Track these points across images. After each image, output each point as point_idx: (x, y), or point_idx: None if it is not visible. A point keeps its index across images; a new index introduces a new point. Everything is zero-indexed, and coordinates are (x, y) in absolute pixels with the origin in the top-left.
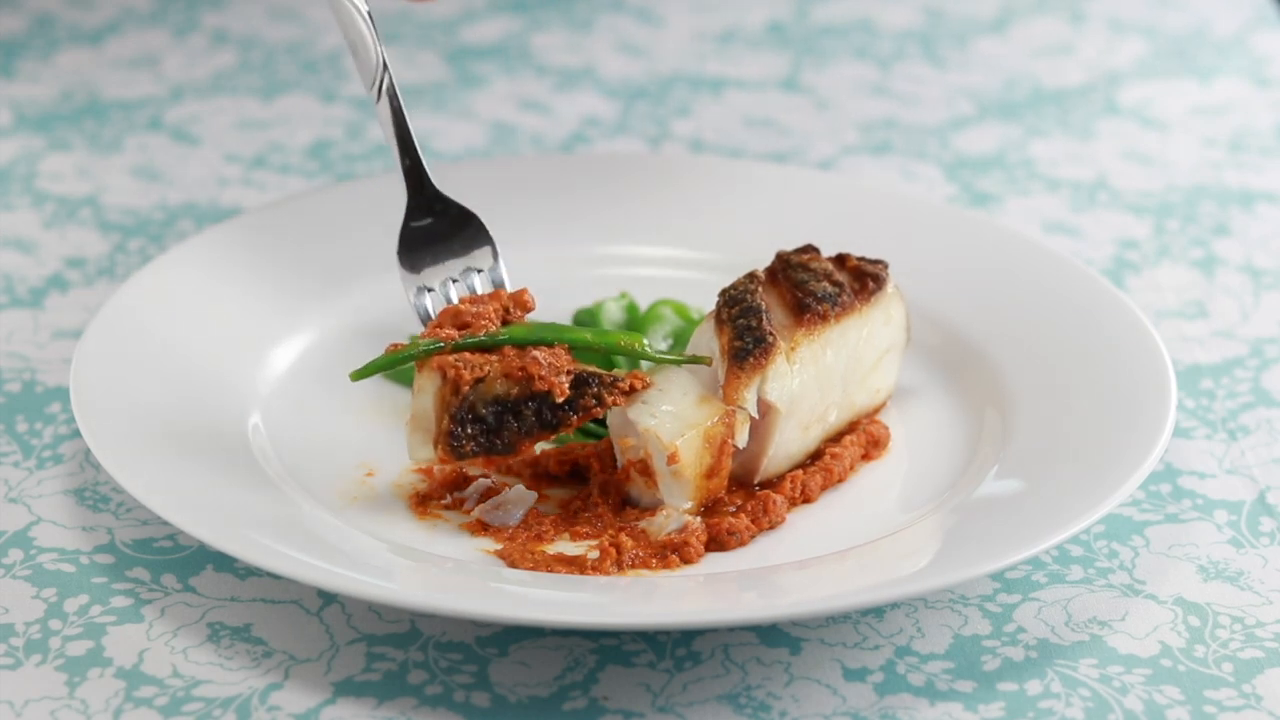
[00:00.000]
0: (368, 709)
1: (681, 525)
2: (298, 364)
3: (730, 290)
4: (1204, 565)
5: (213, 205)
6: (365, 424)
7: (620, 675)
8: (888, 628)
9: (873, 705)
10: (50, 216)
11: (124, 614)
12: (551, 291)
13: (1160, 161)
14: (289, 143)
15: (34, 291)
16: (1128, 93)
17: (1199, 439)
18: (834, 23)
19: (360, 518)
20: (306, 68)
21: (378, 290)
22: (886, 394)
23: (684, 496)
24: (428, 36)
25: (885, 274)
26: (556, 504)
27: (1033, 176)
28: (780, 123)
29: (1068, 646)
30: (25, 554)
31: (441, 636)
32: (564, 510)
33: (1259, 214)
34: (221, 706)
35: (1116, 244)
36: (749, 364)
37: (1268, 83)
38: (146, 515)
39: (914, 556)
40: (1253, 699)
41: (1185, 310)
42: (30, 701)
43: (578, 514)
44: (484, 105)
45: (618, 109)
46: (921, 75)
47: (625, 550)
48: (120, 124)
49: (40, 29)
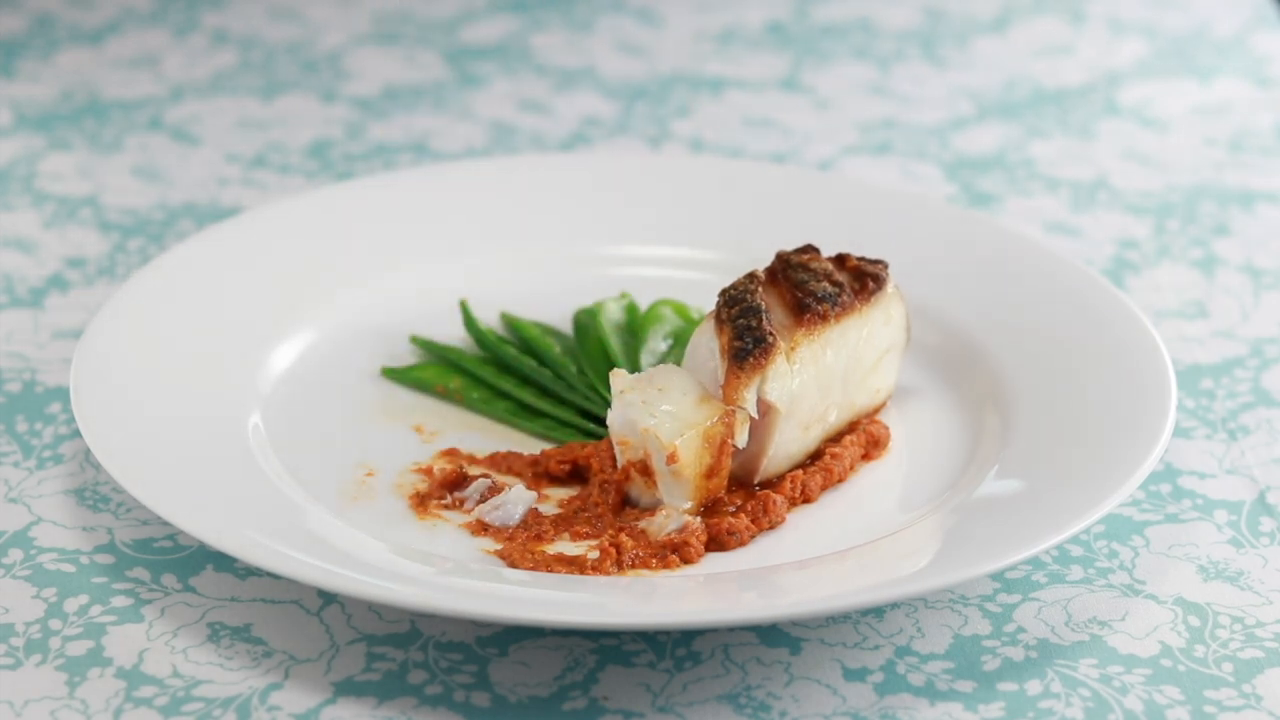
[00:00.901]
0: (368, 709)
1: (681, 525)
2: (298, 364)
3: (730, 290)
4: (1204, 565)
5: (213, 205)
6: (365, 424)
7: (620, 675)
8: (888, 628)
9: (873, 705)
10: (50, 216)
11: (124, 614)
12: (552, 292)
13: (1160, 161)
14: (289, 143)
15: (34, 291)
16: (1128, 93)
17: (1199, 439)
18: (834, 23)
19: (360, 518)
20: (306, 68)
21: (378, 290)
22: (886, 394)
23: (683, 496)
24: (428, 36)
25: (885, 274)
26: (557, 504)
27: (1033, 176)
28: (780, 123)
29: (1068, 646)
30: (25, 554)
31: (441, 636)
32: (564, 510)
33: (1259, 214)
34: (221, 706)
35: (1116, 244)
36: (749, 364)
37: (1268, 83)
38: (146, 515)
39: (914, 556)
40: (1253, 699)
41: (1185, 310)
42: (30, 701)
43: (578, 514)
44: (484, 105)
45: (618, 109)
46: (921, 75)
47: (625, 550)
48: (120, 124)
49: (40, 29)
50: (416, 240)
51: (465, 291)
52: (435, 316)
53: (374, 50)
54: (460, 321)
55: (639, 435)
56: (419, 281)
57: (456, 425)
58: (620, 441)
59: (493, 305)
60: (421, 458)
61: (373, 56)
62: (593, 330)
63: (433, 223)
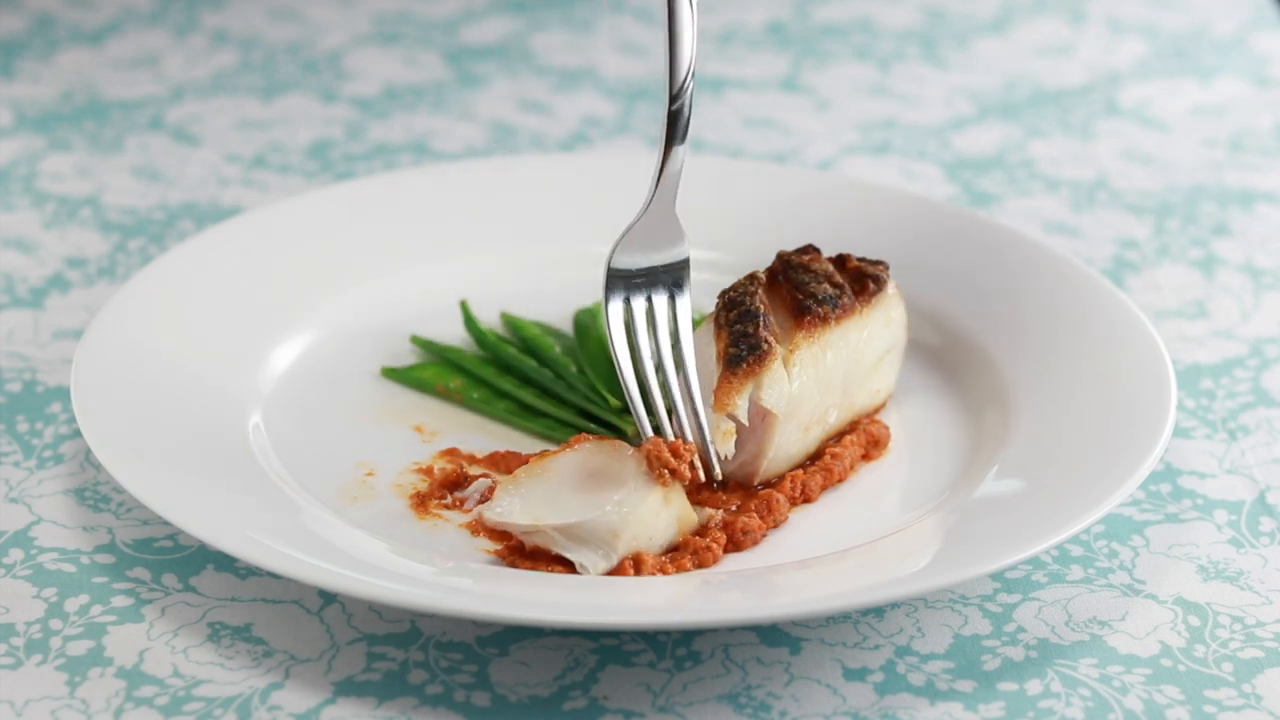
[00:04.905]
0: (368, 709)
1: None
2: (298, 364)
3: (730, 292)
4: (1204, 565)
5: (213, 205)
6: (365, 424)
7: (620, 675)
8: (888, 628)
9: (873, 705)
10: (51, 216)
11: (124, 614)
12: (552, 291)
13: (1160, 161)
14: (289, 143)
15: (34, 291)
16: (1128, 93)
17: (1199, 439)
18: (834, 23)
19: (360, 518)
20: (306, 68)
21: (377, 290)
22: (886, 394)
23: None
24: (428, 36)
25: (885, 275)
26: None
27: (1033, 176)
28: (780, 123)
29: (1068, 646)
30: (26, 554)
31: (442, 636)
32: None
33: (1259, 214)
34: (222, 706)
35: (1116, 244)
36: (741, 370)
37: (1268, 83)
38: (147, 515)
39: (914, 556)
40: (1253, 699)
41: (1185, 310)
42: (31, 701)
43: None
44: (484, 105)
45: (618, 109)
46: (921, 75)
47: (645, 564)
48: (121, 124)
49: (40, 29)
50: (416, 240)
51: (465, 291)
52: (435, 316)
53: (374, 50)
54: (460, 321)
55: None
56: (419, 281)
57: (456, 425)
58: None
59: (493, 305)
60: (421, 458)
61: (373, 56)
62: (593, 330)
63: (433, 223)
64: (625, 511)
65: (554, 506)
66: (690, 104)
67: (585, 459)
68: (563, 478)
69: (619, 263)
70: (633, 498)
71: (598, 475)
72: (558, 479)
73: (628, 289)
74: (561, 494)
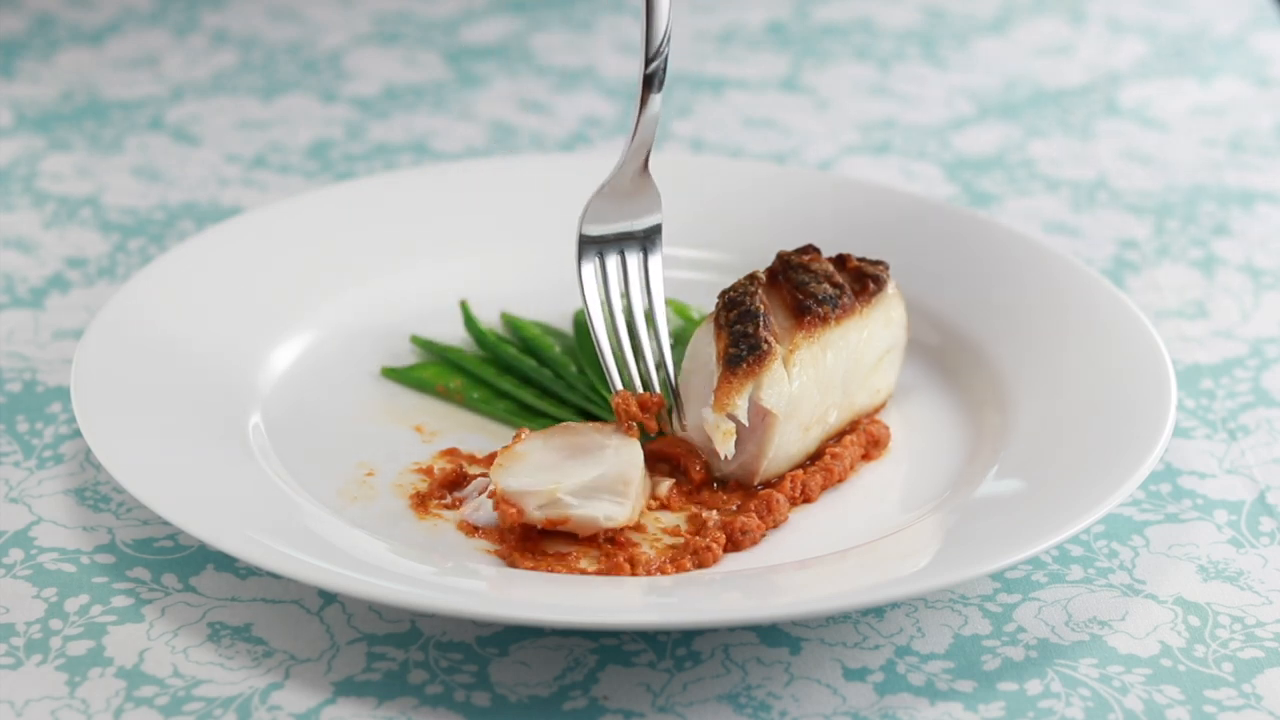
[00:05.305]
0: (368, 709)
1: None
2: (298, 364)
3: (730, 292)
4: (1204, 565)
5: (213, 205)
6: (365, 424)
7: (620, 675)
8: (888, 628)
9: (873, 705)
10: (51, 216)
11: (124, 614)
12: (552, 292)
13: (1160, 161)
14: (289, 143)
15: (34, 291)
16: (1128, 93)
17: (1199, 439)
18: (834, 23)
19: (360, 518)
20: (306, 68)
21: (377, 290)
22: (886, 394)
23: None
24: (428, 36)
25: (886, 275)
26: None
27: (1033, 176)
28: (780, 123)
29: (1068, 646)
30: (26, 554)
31: (441, 636)
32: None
33: (1259, 214)
34: (222, 706)
35: (1116, 244)
36: (741, 370)
37: (1268, 83)
38: (147, 515)
39: (914, 556)
40: (1253, 699)
41: (1185, 310)
42: (31, 701)
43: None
44: (484, 105)
45: (618, 109)
46: (921, 75)
47: (640, 563)
48: (121, 124)
49: (40, 29)
50: (416, 240)
51: (465, 291)
52: (435, 316)
53: (374, 50)
54: (460, 321)
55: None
56: (419, 281)
57: (456, 425)
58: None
59: (493, 305)
60: (421, 458)
61: (373, 57)
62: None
63: (433, 223)
64: (627, 457)
65: (562, 473)
66: (665, 65)
67: (547, 442)
68: (547, 457)
69: (591, 229)
70: (625, 447)
71: (575, 447)
72: (544, 459)
73: (600, 250)
74: (560, 465)
